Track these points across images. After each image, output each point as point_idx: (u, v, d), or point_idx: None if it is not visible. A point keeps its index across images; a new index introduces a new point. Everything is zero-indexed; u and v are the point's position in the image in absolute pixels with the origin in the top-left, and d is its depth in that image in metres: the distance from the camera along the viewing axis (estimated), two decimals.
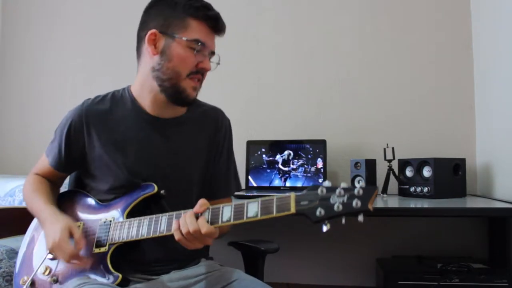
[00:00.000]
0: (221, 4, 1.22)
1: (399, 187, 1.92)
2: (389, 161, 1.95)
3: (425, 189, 1.78)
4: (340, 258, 2.14)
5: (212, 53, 1.18)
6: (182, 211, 1.01)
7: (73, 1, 2.53)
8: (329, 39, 2.26)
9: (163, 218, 1.04)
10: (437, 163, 1.78)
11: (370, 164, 1.89)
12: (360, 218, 0.83)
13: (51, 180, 1.27)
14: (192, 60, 1.12)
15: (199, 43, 1.11)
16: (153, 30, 1.12)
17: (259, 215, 0.91)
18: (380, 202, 1.76)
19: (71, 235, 1.05)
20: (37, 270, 1.13)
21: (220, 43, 1.28)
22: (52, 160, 1.23)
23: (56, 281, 1.09)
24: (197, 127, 1.25)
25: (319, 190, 0.87)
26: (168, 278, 1.15)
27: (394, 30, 2.21)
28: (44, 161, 1.26)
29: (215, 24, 1.14)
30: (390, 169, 1.95)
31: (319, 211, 0.85)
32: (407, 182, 1.87)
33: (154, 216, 1.05)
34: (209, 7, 1.15)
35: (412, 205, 1.67)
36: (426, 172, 1.81)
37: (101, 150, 1.17)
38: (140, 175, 1.15)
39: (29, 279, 1.12)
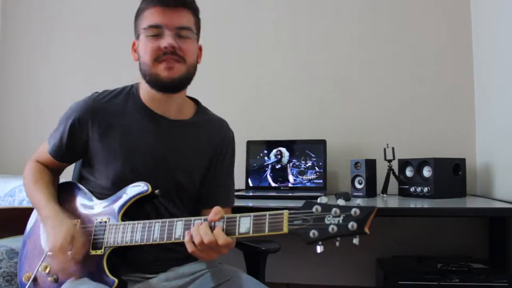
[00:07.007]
0: (221, 4, 1.22)
1: (399, 187, 1.92)
2: (389, 161, 1.95)
3: (425, 189, 1.78)
4: (340, 258, 2.14)
5: (180, 28, 1.14)
6: (176, 219, 1.00)
7: (73, 1, 2.53)
8: (329, 39, 2.26)
9: (156, 225, 1.02)
10: (437, 163, 1.78)
11: (370, 164, 1.89)
12: (355, 241, 0.80)
13: (51, 168, 1.27)
14: (150, 46, 1.13)
15: (151, 27, 1.13)
16: (134, 40, 1.21)
17: (251, 232, 0.90)
18: (380, 202, 1.76)
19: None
20: (38, 268, 1.13)
21: (220, 43, 1.28)
22: (51, 148, 1.23)
23: (56, 281, 1.09)
24: (201, 132, 1.27)
25: (314, 209, 0.84)
26: (165, 276, 1.15)
27: (394, 30, 2.21)
28: (44, 148, 1.26)
29: (163, 1, 1.13)
30: (390, 169, 1.96)
31: (313, 233, 0.82)
32: (407, 182, 1.87)
33: (148, 222, 1.04)
34: None
35: (412, 205, 1.67)
36: (426, 172, 1.81)
37: (105, 144, 1.17)
38: (138, 172, 1.16)
39: (32, 275, 1.13)
